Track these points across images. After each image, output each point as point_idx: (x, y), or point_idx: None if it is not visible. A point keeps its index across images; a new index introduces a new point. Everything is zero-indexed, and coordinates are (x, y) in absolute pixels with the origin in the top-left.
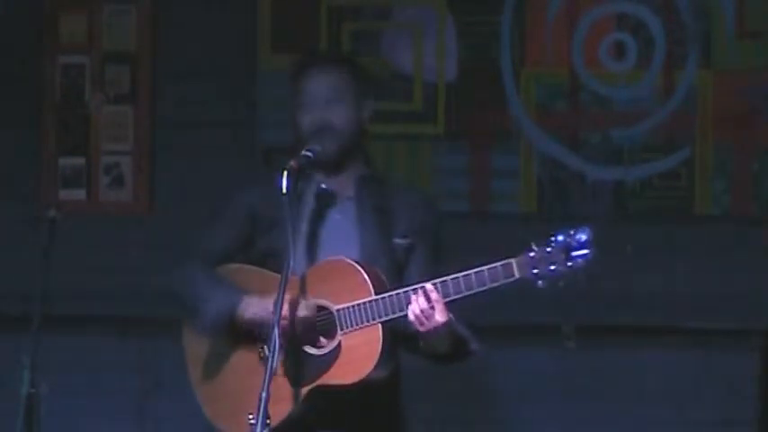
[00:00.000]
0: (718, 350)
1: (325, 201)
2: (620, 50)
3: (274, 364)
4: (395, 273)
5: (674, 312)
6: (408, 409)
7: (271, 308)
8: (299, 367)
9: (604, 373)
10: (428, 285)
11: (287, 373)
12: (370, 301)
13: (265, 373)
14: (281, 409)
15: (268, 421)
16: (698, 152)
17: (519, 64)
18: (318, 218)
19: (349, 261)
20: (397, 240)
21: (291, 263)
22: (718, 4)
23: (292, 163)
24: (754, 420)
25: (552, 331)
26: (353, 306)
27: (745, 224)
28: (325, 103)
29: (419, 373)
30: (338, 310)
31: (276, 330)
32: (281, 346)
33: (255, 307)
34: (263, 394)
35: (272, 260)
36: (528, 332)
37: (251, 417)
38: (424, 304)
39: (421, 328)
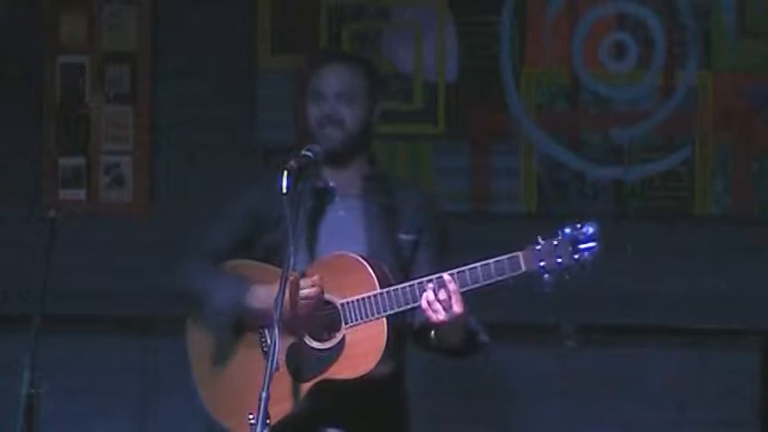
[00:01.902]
0: (718, 350)
1: (324, 197)
2: (620, 50)
3: (274, 363)
4: (399, 269)
5: (674, 312)
6: (411, 405)
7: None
8: (302, 362)
9: (604, 373)
10: (446, 276)
11: (290, 369)
12: (375, 295)
13: (265, 373)
14: (285, 404)
15: (268, 421)
16: (698, 152)
17: (519, 64)
18: (319, 215)
19: (354, 255)
20: (402, 236)
21: (292, 262)
22: (719, 4)
23: (292, 162)
24: (755, 420)
25: (552, 331)
26: (358, 300)
27: (745, 224)
28: (337, 97)
29: (421, 371)
30: (342, 305)
31: (276, 329)
32: (283, 338)
33: (264, 295)
34: (263, 394)
35: (276, 256)
36: (528, 332)
37: (251, 417)
38: (444, 295)
39: (438, 318)
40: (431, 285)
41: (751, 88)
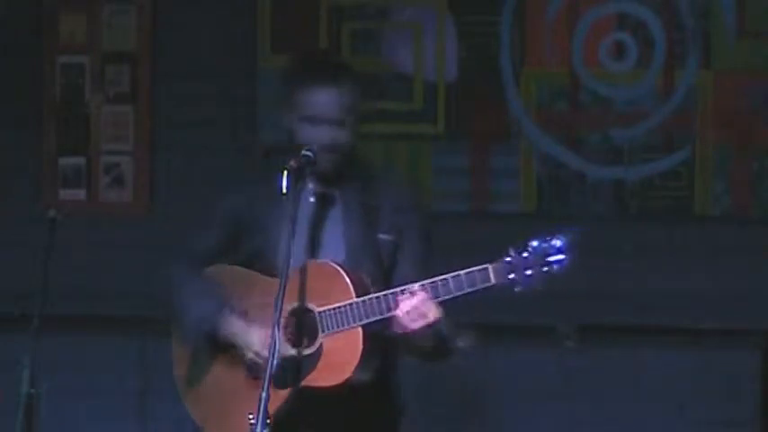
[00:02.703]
0: (718, 350)
1: (326, 203)
2: (620, 50)
3: (274, 364)
4: (379, 269)
5: (674, 312)
6: (407, 408)
7: (250, 338)
8: (281, 369)
9: (604, 373)
10: (416, 286)
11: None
12: (350, 304)
13: (265, 373)
14: None
15: (268, 421)
16: (698, 152)
17: (519, 64)
18: (314, 218)
19: (333, 265)
20: (382, 236)
21: (291, 261)
22: (719, 4)
23: (292, 162)
24: (755, 420)
25: (552, 331)
26: (335, 309)
27: (745, 224)
28: (337, 123)
29: (420, 373)
30: (320, 313)
31: (276, 330)
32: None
33: (235, 332)
34: (263, 394)
35: (258, 262)
36: (528, 332)
37: (251, 417)
38: (416, 304)
39: (412, 326)
40: (404, 295)
41: (751, 88)
